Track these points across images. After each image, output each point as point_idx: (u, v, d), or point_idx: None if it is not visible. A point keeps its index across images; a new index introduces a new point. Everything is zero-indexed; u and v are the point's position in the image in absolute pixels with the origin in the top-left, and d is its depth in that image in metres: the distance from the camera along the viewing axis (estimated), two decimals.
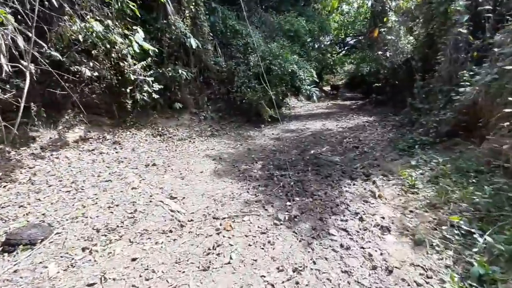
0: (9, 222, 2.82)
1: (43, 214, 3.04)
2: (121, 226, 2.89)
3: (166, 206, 3.39)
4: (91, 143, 5.74)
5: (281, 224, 3.06)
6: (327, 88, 27.07)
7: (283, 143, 7.19)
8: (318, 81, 17.50)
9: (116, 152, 5.60)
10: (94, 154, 5.35)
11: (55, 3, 3.84)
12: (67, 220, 2.95)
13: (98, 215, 3.12)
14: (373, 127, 8.00)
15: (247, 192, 4.12)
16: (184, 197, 3.76)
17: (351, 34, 23.45)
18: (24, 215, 3.00)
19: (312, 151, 6.46)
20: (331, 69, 26.11)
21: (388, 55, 9.82)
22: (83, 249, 2.44)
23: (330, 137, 7.55)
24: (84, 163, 4.89)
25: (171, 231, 2.83)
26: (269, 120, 9.06)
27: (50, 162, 4.71)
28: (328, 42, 23.27)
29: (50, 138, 5.40)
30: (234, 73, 9.37)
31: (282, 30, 12.02)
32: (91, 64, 5.53)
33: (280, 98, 9.78)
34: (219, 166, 5.21)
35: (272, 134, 8.20)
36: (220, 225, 2.99)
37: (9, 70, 3.59)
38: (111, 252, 2.40)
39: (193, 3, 7.83)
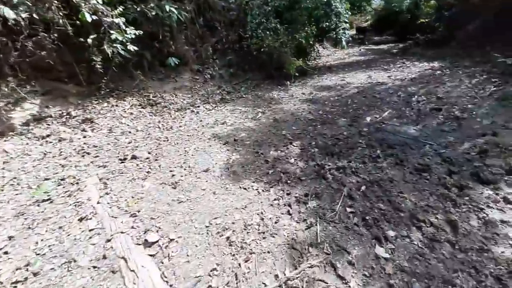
0: None
1: None
2: None
3: (131, 273, 1.65)
4: (48, 124, 3.94)
5: None
6: (351, 32, 23.08)
7: (322, 107, 5.08)
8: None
9: (84, 137, 3.82)
10: (50, 142, 3.60)
11: None
12: None
13: None
14: (452, 77, 5.52)
15: (289, 213, 2.29)
16: (171, 239, 1.99)
17: None
18: None
19: (368, 119, 4.37)
20: (359, 6, 21.72)
21: None
22: None
23: (387, 94, 5.30)
24: (29, 160, 3.17)
25: None
26: (297, 74, 6.77)
27: None
28: None
29: None
30: (246, 10, 6.84)
31: None
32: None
33: (310, 43, 7.28)
34: (234, 154, 3.32)
35: (303, 94, 6.03)
36: None
37: None
38: None
39: None
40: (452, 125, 3.77)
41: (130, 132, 4.08)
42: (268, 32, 6.31)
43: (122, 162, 3.18)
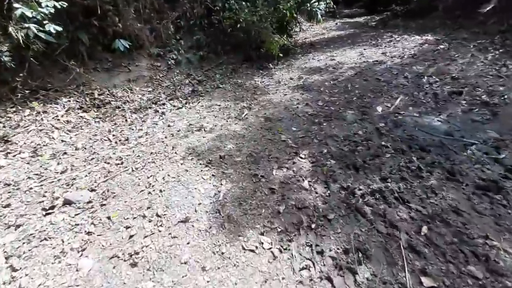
0: None
1: None
2: None
3: None
4: None
5: None
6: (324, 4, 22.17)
7: (318, 95, 4.15)
8: None
9: None
10: None
11: None
12: None
13: None
14: (461, 53, 4.77)
15: None
16: None
17: None
18: None
19: (379, 109, 3.57)
20: None
21: None
22: None
23: (391, 76, 4.50)
24: None
25: None
26: (280, 54, 5.70)
27: None
28: None
29: None
30: None
31: None
32: None
33: (294, 16, 6.16)
34: (224, 183, 2.30)
35: (291, 79, 5.03)
36: None
37: None
38: None
39: None
40: (484, 114, 3.10)
41: (65, 153, 2.83)
42: (243, 3, 5.07)
43: (47, 214, 2.01)
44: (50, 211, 2.04)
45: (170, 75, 4.99)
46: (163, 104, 4.10)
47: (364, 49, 6.40)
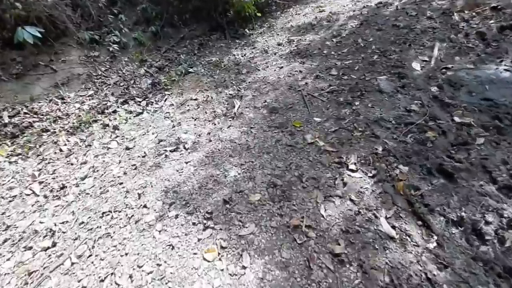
0: None
1: None
2: None
3: None
4: None
5: None
6: None
7: (326, 61, 3.05)
8: None
9: None
10: None
11: None
12: None
13: None
14: None
15: None
16: None
17: None
18: None
19: (416, 66, 2.61)
20: None
21: None
22: None
23: (410, 20, 3.43)
24: None
25: None
26: (258, 14, 4.40)
27: None
28: None
29: None
30: None
31: None
32: None
33: None
34: (247, 263, 1.25)
35: (280, 45, 3.83)
36: None
37: None
38: None
39: None
40: None
41: None
42: None
43: None
44: None
45: (117, 66, 3.60)
46: (114, 111, 2.83)
47: None
